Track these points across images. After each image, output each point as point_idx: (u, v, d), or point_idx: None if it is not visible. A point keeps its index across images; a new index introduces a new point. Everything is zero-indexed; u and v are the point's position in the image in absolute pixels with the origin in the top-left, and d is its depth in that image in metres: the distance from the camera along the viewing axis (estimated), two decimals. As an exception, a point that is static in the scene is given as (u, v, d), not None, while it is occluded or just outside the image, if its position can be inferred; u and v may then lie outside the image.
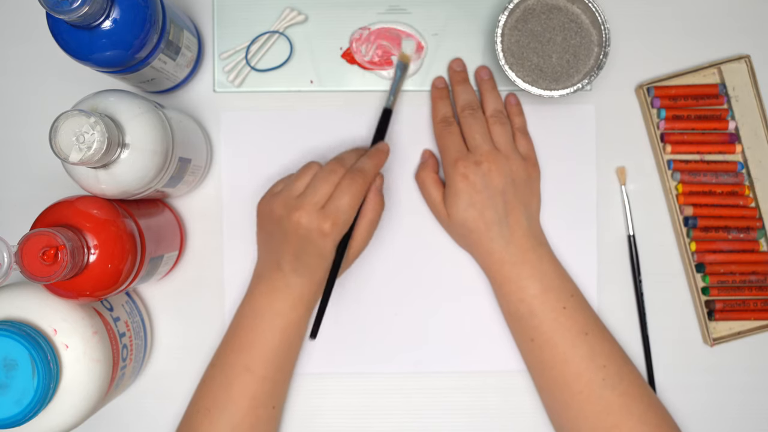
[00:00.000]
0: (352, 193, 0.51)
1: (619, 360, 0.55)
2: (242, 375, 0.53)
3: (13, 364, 0.44)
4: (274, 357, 0.54)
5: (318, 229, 0.51)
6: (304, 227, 0.51)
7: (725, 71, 0.61)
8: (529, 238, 0.57)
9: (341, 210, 0.51)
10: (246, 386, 0.53)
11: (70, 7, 0.42)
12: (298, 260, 0.52)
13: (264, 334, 0.54)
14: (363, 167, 0.53)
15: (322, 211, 0.51)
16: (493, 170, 0.55)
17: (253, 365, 0.53)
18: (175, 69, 0.55)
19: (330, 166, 0.53)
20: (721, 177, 0.60)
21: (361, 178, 0.52)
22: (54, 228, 0.44)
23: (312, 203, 0.51)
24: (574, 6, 0.57)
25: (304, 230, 0.51)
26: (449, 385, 0.61)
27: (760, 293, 0.60)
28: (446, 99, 0.60)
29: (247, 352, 0.54)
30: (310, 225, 0.51)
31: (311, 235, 0.51)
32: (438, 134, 0.58)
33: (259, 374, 0.53)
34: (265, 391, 0.54)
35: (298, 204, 0.52)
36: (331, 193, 0.52)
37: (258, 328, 0.54)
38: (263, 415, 0.54)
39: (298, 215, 0.51)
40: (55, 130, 0.42)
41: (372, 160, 0.54)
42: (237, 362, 0.54)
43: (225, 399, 0.53)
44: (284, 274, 0.53)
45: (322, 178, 0.52)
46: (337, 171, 0.52)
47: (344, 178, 0.52)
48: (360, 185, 0.52)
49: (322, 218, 0.51)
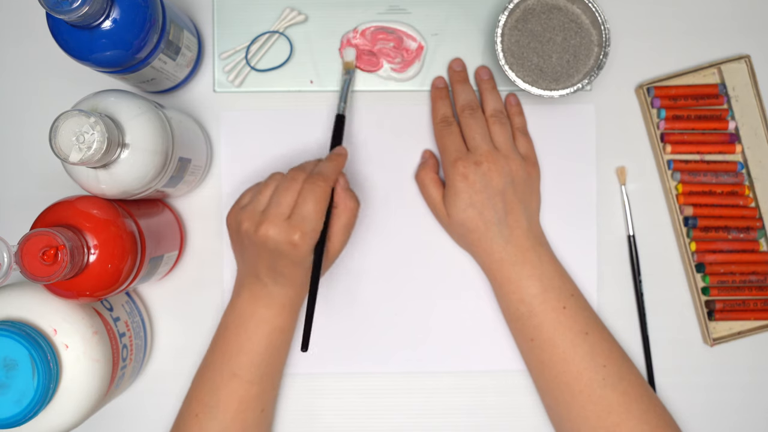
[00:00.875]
0: (315, 198, 0.50)
1: (619, 360, 0.55)
2: (229, 380, 0.53)
3: (13, 364, 0.44)
4: (261, 362, 0.54)
5: (287, 241, 0.50)
6: (273, 240, 0.50)
7: (725, 71, 0.61)
8: (528, 238, 0.57)
9: (307, 218, 0.50)
10: (233, 391, 0.53)
11: (70, 7, 0.42)
12: (274, 271, 0.52)
13: (250, 340, 0.54)
14: (322, 170, 0.52)
15: (288, 222, 0.50)
16: (492, 170, 0.55)
17: (239, 371, 0.53)
18: (175, 69, 0.55)
19: (290, 174, 0.52)
20: (721, 177, 0.60)
21: (321, 181, 0.51)
22: (54, 228, 0.44)
23: (277, 215, 0.50)
24: (574, 6, 0.57)
25: (273, 243, 0.50)
26: (449, 385, 0.61)
27: (760, 293, 0.60)
28: (446, 99, 0.59)
29: (234, 357, 0.54)
30: (279, 238, 0.50)
31: (281, 248, 0.50)
32: (438, 134, 0.58)
33: (246, 379, 0.53)
34: (252, 396, 0.54)
35: (264, 218, 0.50)
36: (294, 202, 0.50)
37: (243, 335, 0.54)
38: (251, 418, 0.54)
39: (264, 229, 0.50)
40: (55, 130, 0.42)
41: (330, 163, 0.53)
42: (224, 368, 0.54)
43: (213, 404, 0.53)
44: (264, 284, 0.53)
45: (284, 188, 0.51)
46: (297, 178, 0.51)
47: (305, 184, 0.51)
48: (321, 189, 0.51)
49: (290, 230, 0.49)
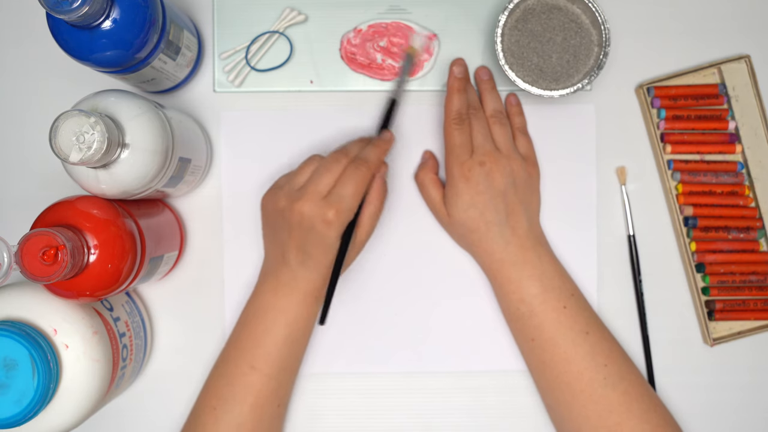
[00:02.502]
0: (356, 181, 0.51)
1: (619, 359, 0.55)
2: (247, 373, 0.53)
3: (13, 364, 0.44)
4: (279, 355, 0.54)
5: (321, 218, 0.50)
6: (307, 217, 0.51)
7: (725, 71, 0.61)
8: (529, 238, 0.57)
9: (344, 198, 0.51)
10: (251, 384, 0.53)
11: (70, 7, 0.42)
12: (303, 252, 0.52)
13: (269, 333, 0.54)
14: (367, 156, 0.53)
15: (325, 200, 0.51)
16: (494, 171, 0.55)
17: (257, 364, 0.53)
18: (175, 69, 0.55)
19: (333, 157, 0.53)
20: (721, 177, 0.60)
21: (364, 167, 0.52)
22: (54, 228, 0.44)
23: (315, 192, 0.51)
24: (574, 6, 0.57)
25: (308, 220, 0.51)
26: (449, 385, 0.61)
27: (760, 293, 0.60)
28: (463, 92, 0.58)
29: (252, 350, 0.54)
30: (313, 214, 0.51)
31: (315, 225, 0.51)
32: (447, 129, 0.57)
33: (264, 372, 0.53)
34: (270, 390, 0.54)
35: (301, 194, 0.51)
36: (333, 183, 0.52)
37: (263, 327, 0.54)
38: (268, 413, 0.54)
39: (300, 205, 0.51)
40: (55, 130, 0.42)
41: (376, 149, 0.54)
42: (242, 361, 0.54)
43: (230, 397, 0.53)
44: (291, 267, 0.53)
45: (325, 168, 0.52)
46: (340, 161, 0.52)
47: (348, 168, 0.52)
48: (363, 174, 0.52)
49: (325, 207, 0.51)
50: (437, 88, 0.61)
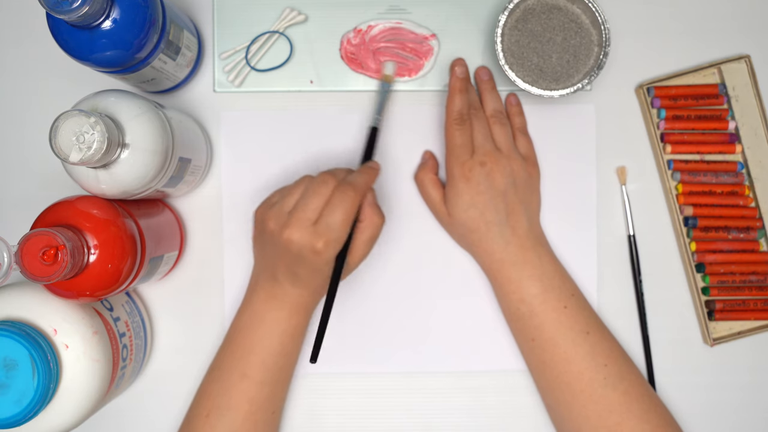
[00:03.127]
0: (344, 208, 0.49)
1: (620, 359, 0.55)
2: (240, 381, 0.53)
3: (13, 364, 0.44)
4: (273, 363, 0.54)
5: (310, 248, 0.49)
6: (296, 244, 0.49)
7: (725, 71, 0.61)
8: (529, 238, 0.57)
9: (333, 228, 0.49)
10: (244, 392, 0.53)
11: (70, 7, 0.42)
12: (293, 273, 0.52)
13: (262, 341, 0.53)
14: (354, 181, 0.51)
15: (314, 228, 0.49)
16: (495, 171, 0.55)
17: (251, 371, 0.53)
18: (175, 69, 0.55)
19: (321, 178, 0.51)
20: (721, 177, 0.60)
21: (352, 192, 0.50)
22: (54, 228, 0.44)
23: (303, 219, 0.49)
24: (574, 6, 0.57)
25: (296, 247, 0.50)
26: (449, 385, 0.61)
27: (760, 293, 0.60)
28: (465, 92, 0.58)
29: (246, 358, 0.54)
30: (302, 242, 0.49)
31: (303, 253, 0.50)
32: (449, 129, 0.57)
33: (257, 380, 0.53)
34: (263, 397, 0.54)
35: (290, 221, 0.50)
36: (322, 207, 0.50)
37: (256, 335, 0.54)
38: (262, 419, 0.54)
39: (289, 232, 0.49)
40: (55, 130, 0.42)
41: (364, 175, 0.52)
42: (235, 368, 0.54)
43: (223, 404, 0.53)
44: (280, 284, 0.53)
45: (313, 191, 0.50)
46: (328, 182, 0.50)
47: (335, 192, 0.50)
48: (351, 200, 0.50)
49: (314, 237, 0.49)
50: (437, 88, 0.61)
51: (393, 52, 0.60)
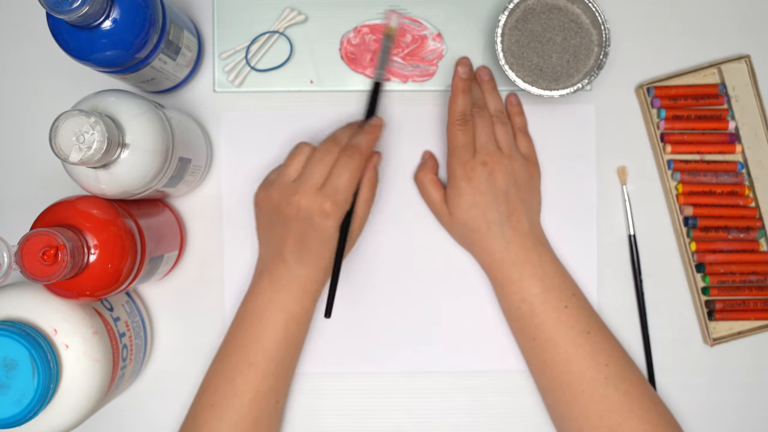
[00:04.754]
0: (350, 170, 0.51)
1: (620, 359, 0.56)
2: (245, 370, 0.53)
3: (13, 364, 0.44)
4: (277, 352, 0.54)
5: (319, 210, 0.50)
6: (305, 209, 0.51)
7: (725, 71, 0.61)
8: (529, 238, 0.57)
9: (340, 189, 0.51)
10: (249, 381, 0.53)
11: (70, 7, 0.42)
12: (301, 247, 0.52)
13: (266, 330, 0.54)
14: (358, 144, 0.53)
15: (320, 191, 0.51)
16: (496, 171, 0.55)
17: (256, 361, 0.53)
18: (175, 69, 0.55)
19: (325, 146, 0.53)
20: (721, 177, 0.60)
21: (357, 155, 0.52)
22: (54, 228, 0.44)
23: (310, 185, 0.51)
24: (574, 6, 0.57)
25: (305, 213, 0.51)
26: (449, 385, 0.61)
27: (760, 293, 0.60)
28: (468, 93, 0.58)
29: (250, 347, 0.54)
30: (311, 206, 0.50)
31: (313, 218, 0.51)
32: (451, 129, 0.57)
33: (262, 369, 0.53)
34: (268, 386, 0.54)
35: (296, 188, 0.51)
36: (327, 173, 0.51)
37: (261, 324, 0.54)
38: (266, 409, 0.54)
39: (297, 198, 0.51)
40: (55, 130, 0.42)
41: (366, 135, 0.54)
42: (240, 358, 0.54)
43: (229, 394, 0.53)
44: (288, 265, 0.53)
45: (318, 159, 0.52)
46: (332, 150, 0.52)
47: (340, 157, 0.52)
48: (356, 162, 0.52)
49: (321, 199, 0.50)
50: (438, 88, 0.61)
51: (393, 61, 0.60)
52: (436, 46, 0.61)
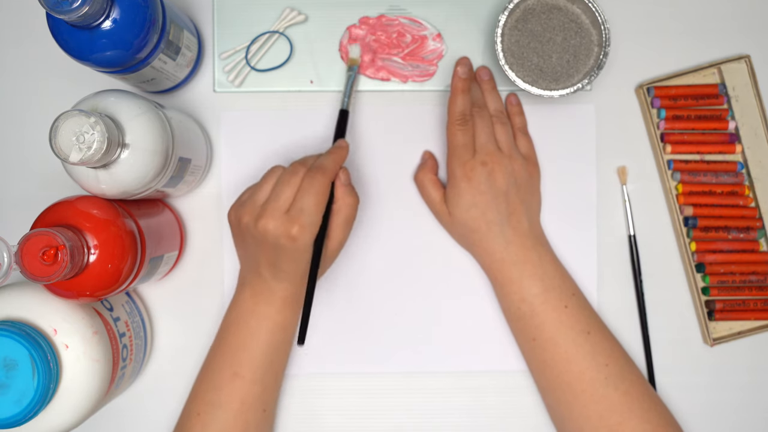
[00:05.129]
0: (315, 191, 0.50)
1: (620, 359, 0.56)
2: (231, 380, 0.53)
3: (13, 364, 0.44)
4: (262, 361, 0.54)
5: (286, 234, 0.50)
6: (272, 234, 0.50)
7: (725, 71, 0.61)
8: (529, 238, 0.57)
9: (305, 212, 0.50)
10: (235, 391, 0.53)
11: (70, 7, 0.42)
12: (274, 267, 0.52)
13: (251, 339, 0.54)
14: (322, 164, 0.52)
15: (287, 215, 0.50)
16: (496, 171, 0.55)
17: (241, 370, 0.53)
18: (175, 69, 0.55)
19: (291, 168, 0.52)
20: (721, 177, 0.60)
21: (320, 175, 0.51)
22: (54, 228, 0.44)
23: (276, 208, 0.50)
24: (574, 6, 0.57)
25: (272, 237, 0.50)
26: (449, 385, 0.61)
27: (760, 293, 0.60)
28: (467, 93, 0.57)
29: (235, 356, 0.54)
30: (277, 231, 0.50)
31: (280, 241, 0.50)
32: (451, 129, 0.57)
33: (248, 378, 0.53)
34: (254, 395, 0.54)
35: (263, 211, 0.50)
36: (294, 196, 0.51)
37: (244, 333, 0.54)
38: (253, 418, 0.54)
39: (263, 223, 0.50)
40: (55, 130, 0.42)
41: (331, 155, 0.53)
42: (225, 367, 0.54)
43: (215, 403, 0.53)
44: (264, 279, 0.53)
45: (284, 181, 0.51)
46: (297, 172, 0.51)
47: (304, 178, 0.51)
48: (320, 182, 0.50)
49: (288, 223, 0.50)
50: (437, 88, 0.61)
51: (390, 60, 0.60)
52: (436, 46, 0.61)
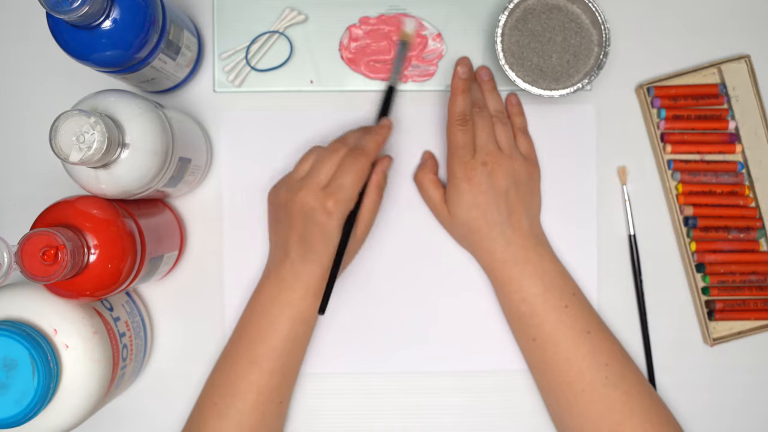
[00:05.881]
0: (354, 170, 0.52)
1: (621, 359, 0.56)
2: (249, 369, 0.54)
3: (13, 364, 0.44)
4: (282, 351, 0.54)
5: (321, 208, 0.51)
6: (308, 207, 0.52)
7: (725, 71, 0.61)
8: (530, 238, 0.57)
9: (343, 187, 0.52)
10: (252, 381, 0.53)
11: (70, 7, 0.42)
12: (304, 244, 0.53)
13: (272, 327, 0.54)
14: (364, 145, 0.54)
15: (324, 189, 0.52)
16: (497, 171, 0.55)
17: (259, 360, 0.54)
18: (175, 69, 0.55)
19: (332, 147, 0.54)
20: (721, 177, 0.60)
21: (362, 156, 0.53)
22: (54, 228, 0.44)
23: (314, 183, 0.52)
24: (574, 6, 0.57)
25: (308, 210, 0.52)
26: (449, 385, 0.61)
27: (760, 293, 0.60)
28: (467, 93, 0.58)
29: (255, 346, 0.54)
30: (314, 204, 0.51)
31: (315, 215, 0.51)
32: (451, 129, 0.57)
33: (266, 369, 0.54)
34: (271, 386, 0.54)
35: (301, 185, 0.53)
36: (333, 173, 0.52)
37: (266, 321, 0.54)
38: (269, 410, 0.54)
39: (301, 195, 0.52)
40: (55, 130, 0.42)
41: (373, 137, 0.54)
42: (244, 356, 0.54)
43: (232, 393, 0.54)
44: (292, 261, 0.53)
45: (325, 159, 0.53)
46: (338, 150, 0.53)
47: (346, 157, 0.53)
48: (361, 163, 0.52)
49: (324, 196, 0.51)
50: (437, 88, 0.61)
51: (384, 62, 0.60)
52: (436, 46, 0.61)
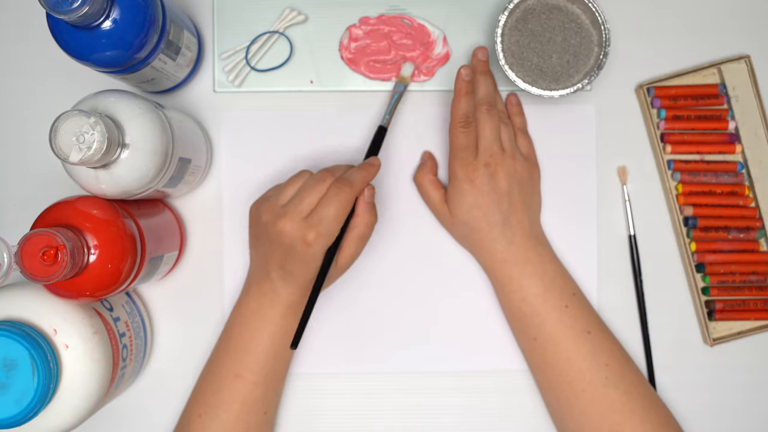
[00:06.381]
0: (338, 202, 0.50)
1: (621, 359, 0.56)
2: (232, 381, 0.53)
3: (13, 364, 0.44)
4: (264, 363, 0.54)
5: (301, 239, 0.50)
6: (288, 236, 0.50)
7: (725, 71, 0.61)
8: (530, 238, 0.57)
9: (325, 220, 0.50)
10: (236, 392, 0.53)
11: (70, 7, 0.42)
12: (283, 268, 0.52)
13: (253, 341, 0.54)
14: (351, 178, 0.52)
15: (306, 220, 0.50)
16: (499, 172, 0.55)
17: (243, 371, 0.53)
18: (175, 69, 0.55)
19: (318, 175, 0.52)
20: (721, 177, 0.60)
21: (347, 188, 0.51)
22: (54, 228, 0.44)
23: (296, 212, 0.50)
24: (574, 6, 0.57)
25: (288, 239, 0.50)
26: (449, 385, 0.61)
27: (760, 293, 0.60)
28: (470, 94, 0.57)
29: (237, 358, 0.54)
30: (294, 234, 0.50)
31: (295, 245, 0.50)
32: (453, 131, 0.57)
33: (249, 380, 0.53)
34: (255, 397, 0.54)
35: (283, 212, 0.51)
36: (316, 203, 0.51)
37: (247, 334, 0.54)
38: (254, 421, 0.54)
39: (282, 223, 0.50)
40: (55, 130, 0.42)
41: (361, 171, 0.53)
42: (227, 368, 0.54)
43: (215, 404, 0.53)
44: (272, 280, 0.53)
45: (310, 187, 0.51)
46: (325, 180, 0.51)
47: (331, 188, 0.51)
48: (346, 195, 0.51)
49: (305, 228, 0.50)
50: (438, 88, 0.61)
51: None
52: (438, 48, 0.61)
